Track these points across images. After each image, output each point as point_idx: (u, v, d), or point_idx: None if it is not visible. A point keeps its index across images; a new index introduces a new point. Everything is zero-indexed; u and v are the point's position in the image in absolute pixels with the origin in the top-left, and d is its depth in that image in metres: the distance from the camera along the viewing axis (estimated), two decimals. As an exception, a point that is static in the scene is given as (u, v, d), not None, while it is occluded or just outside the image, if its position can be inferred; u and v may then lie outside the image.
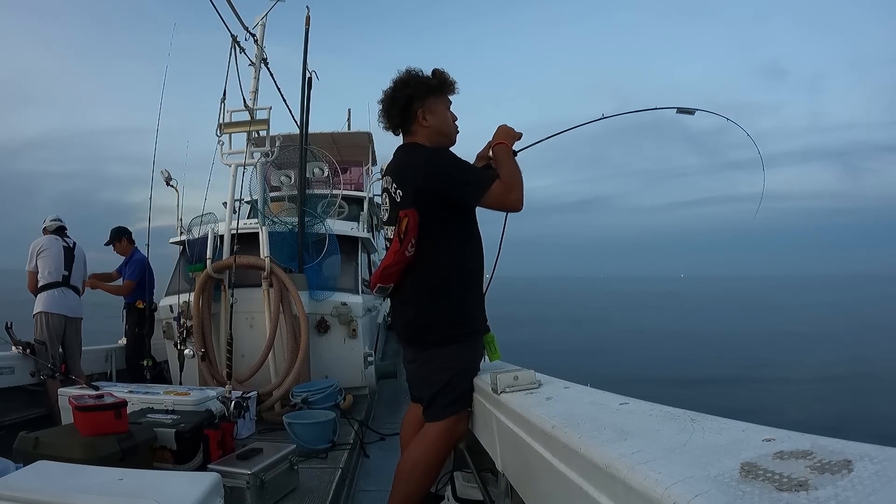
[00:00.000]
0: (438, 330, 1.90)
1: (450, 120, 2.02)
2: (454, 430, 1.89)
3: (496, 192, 1.77)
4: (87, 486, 1.57)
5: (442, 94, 1.99)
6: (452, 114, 2.04)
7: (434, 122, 1.96)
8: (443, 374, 1.89)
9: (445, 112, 2.00)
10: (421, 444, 1.90)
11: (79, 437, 2.24)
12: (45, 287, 4.10)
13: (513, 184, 1.79)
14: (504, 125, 2.00)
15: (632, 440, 0.94)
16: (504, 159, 1.89)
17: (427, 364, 1.96)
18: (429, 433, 1.91)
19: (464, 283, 1.91)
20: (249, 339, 4.04)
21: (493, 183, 1.78)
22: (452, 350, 1.89)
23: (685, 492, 0.69)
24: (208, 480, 1.63)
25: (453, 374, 1.88)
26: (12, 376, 3.80)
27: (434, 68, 1.98)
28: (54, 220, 4.40)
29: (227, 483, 1.90)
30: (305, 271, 4.32)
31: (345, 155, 7.72)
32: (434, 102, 1.96)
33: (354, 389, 4.36)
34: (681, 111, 2.26)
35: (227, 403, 3.00)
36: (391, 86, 1.97)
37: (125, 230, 5.20)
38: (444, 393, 1.89)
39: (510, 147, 1.93)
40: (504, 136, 1.95)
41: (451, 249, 1.88)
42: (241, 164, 4.31)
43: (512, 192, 1.78)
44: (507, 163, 1.87)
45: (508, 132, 1.96)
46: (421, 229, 1.84)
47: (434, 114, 1.96)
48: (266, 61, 4.79)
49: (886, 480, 0.63)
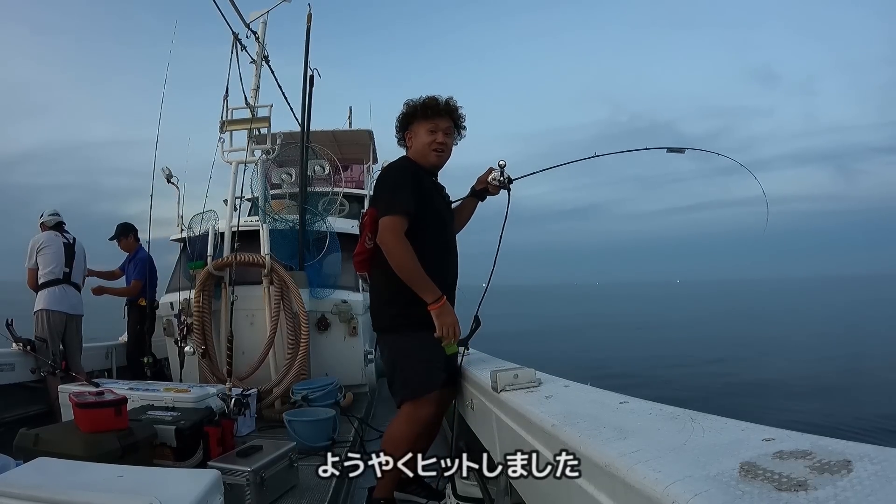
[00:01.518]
0: (382, 318, 2.18)
1: (423, 143, 2.19)
2: (412, 415, 2.08)
3: (384, 222, 1.99)
4: (87, 483, 1.57)
5: (424, 119, 2.18)
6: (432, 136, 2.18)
7: (413, 144, 2.23)
8: (388, 364, 2.18)
9: (422, 134, 2.19)
10: (390, 425, 2.17)
11: (79, 434, 2.24)
12: (46, 284, 4.09)
13: (395, 248, 1.97)
14: (440, 319, 2.02)
15: (631, 439, 0.94)
16: (416, 277, 1.99)
17: (381, 352, 2.29)
18: (396, 415, 2.16)
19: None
20: (250, 337, 4.04)
21: (389, 216, 1.98)
22: (392, 339, 2.15)
23: (684, 491, 0.69)
24: (208, 477, 1.63)
25: (395, 363, 2.14)
26: (13, 373, 3.80)
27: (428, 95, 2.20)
28: (52, 216, 4.31)
29: (227, 480, 1.90)
30: (306, 269, 4.32)
31: (346, 153, 7.72)
32: (416, 126, 2.21)
33: (354, 387, 4.37)
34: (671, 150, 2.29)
35: (228, 401, 3.00)
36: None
37: (132, 226, 5.14)
38: (394, 380, 2.15)
39: (437, 309, 2.00)
40: (438, 312, 2.01)
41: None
42: (242, 161, 4.31)
43: (389, 238, 1.97)
44: (414, 279, 1.98)
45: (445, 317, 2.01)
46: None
47: (414, 136, 2.22)
48: (267, 59, 4.79)
49: (886, 481, 0.63)
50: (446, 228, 2.23)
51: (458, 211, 2.43)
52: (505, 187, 2.29)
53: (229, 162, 4.33)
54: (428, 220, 2.08)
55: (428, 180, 2.20)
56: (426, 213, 2.07)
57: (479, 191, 2.34)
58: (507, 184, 2.27)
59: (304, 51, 4.87)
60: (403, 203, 2.00)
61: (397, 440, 2.06)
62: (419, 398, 2.08)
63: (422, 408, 2.08)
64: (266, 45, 4.74)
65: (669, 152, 2.29)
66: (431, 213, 2.10)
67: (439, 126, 2.18)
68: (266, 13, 4.74)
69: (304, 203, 4.53)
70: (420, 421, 2.09)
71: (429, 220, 2.08)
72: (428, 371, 2.08)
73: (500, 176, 2.27)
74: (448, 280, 2.19)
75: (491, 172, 2.28)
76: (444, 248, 2.19)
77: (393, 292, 2.09)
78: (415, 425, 2.08)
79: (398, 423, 2.12)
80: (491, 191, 2.31)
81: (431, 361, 2.07)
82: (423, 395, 2.08)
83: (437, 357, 2.06)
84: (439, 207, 2.20)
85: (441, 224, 2.18)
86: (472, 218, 2.46)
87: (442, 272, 2.12)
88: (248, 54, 4.53)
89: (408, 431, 2.07)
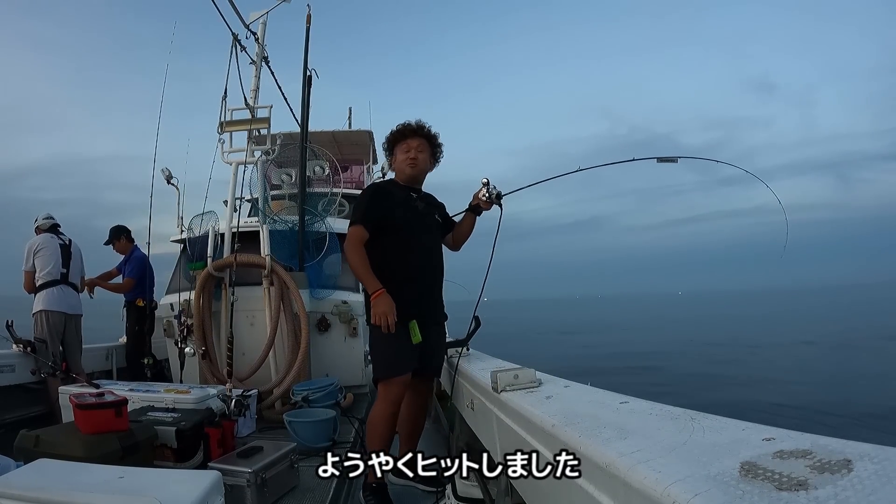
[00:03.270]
0: (366, 312, 2.43)
1: (399, 159, 2.55)
2: (384, 394, 2.38)
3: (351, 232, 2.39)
4: (87, 485, 1.57)
5: (401, 140, 2.54)
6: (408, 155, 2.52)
7: (394, 163, 2.60)
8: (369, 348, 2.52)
9: (399, 154, 2.56)
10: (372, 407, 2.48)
11: (79, 436, 2.24)
12: (44, 285, 4.09)
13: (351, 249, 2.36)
14: (376, 303, 2.33)
15: (632, 439, 0.94)
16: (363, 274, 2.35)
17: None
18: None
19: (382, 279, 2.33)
20: (250, 338, 4.04)
21: (357, 226, 2.38)
22: (370, 329, 2.42)
23: (685, 491, 0.69)
24: (209, 479, 1.63)
25: (371, 349, 2.48)
26: (13, 374, 3.80)
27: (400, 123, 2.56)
28: (47, 219, 4.33)
29: (227, 481, 1.90)
30: (306, 270, 4.32)
31: (345, 153, 7.71)
32: (396, 149, 2.57)
33: (355, 388, 4.37)
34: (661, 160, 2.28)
35: (228, 402, 3.00)
36: None
37: (123, 228, 5.19)
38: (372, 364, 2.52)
39: (379, 311, 2.31)
40: (376, 303, 2.33)
41: (377, 254, 2.38)
42: (242, 162, 4.31)
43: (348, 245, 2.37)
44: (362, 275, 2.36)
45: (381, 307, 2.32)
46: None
47: (395, 158, 2.58)
48: (267, 60, 4.79)
49: (886, 480, 0.63)
50: (412, 232, 2.47)
51: (458, 225, 2.68)
52: (495, 202, 2.51)
53: (229, 163, 4.33)
54: (388, 227, 2.40)
55: (401, 193, 2.52)
56: (387, 222, 2.41)
57: (474, 206, 2.57)
58: (496, 199, 2.50)
59: (304, 51, 4.88)
60: (360, 215, 2.40)
61: (374, 418, 2.39)
62: (388, 379, 2.37)
63: (392, 387, 2.36)
64: (265, 46, 4.75)
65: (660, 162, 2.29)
66: (392, 221, 2.42)
67: (410, 145, 2.53)
68: (265, 14, 4.74)
69: (304, 204, 4.53)
70: (390, 399, 2.36)
71: (389, 226, 2.41)
72: (394, 356, 2.37)
73: (488, 192, 2.48)
74: (410, 274, 2.43)
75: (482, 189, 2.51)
76: (405, 248, 2.44)
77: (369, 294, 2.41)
78: (386, 403, 2.36)
79: (376, 403, 2.43)
80: (483, 206, 2.54)
81: (397, 349, 2.36)
82: (392, 376, 2.36)
83: (402, 345, 2.34)
84: (406, 215, 2.47)
85: (403, 229, 2.45)
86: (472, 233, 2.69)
87: (402, 267, 2.40)
88: (247, 55, 4.54)
89: (382, 409, 2.37)
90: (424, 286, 2.49)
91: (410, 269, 2.44)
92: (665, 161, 2.26)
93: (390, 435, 2.44)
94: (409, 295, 2.37)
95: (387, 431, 2.40)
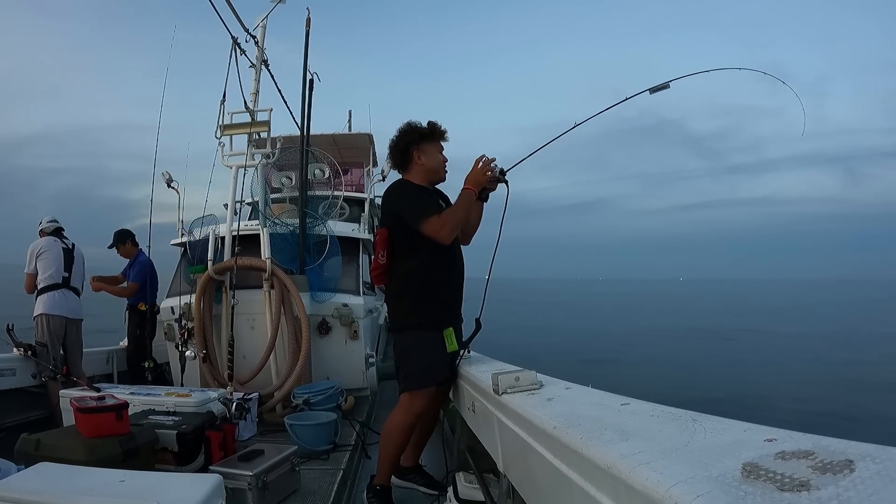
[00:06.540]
0: (394, 321, 2.46)
1: (439, 160, 2.44)
2: (410, 404, 2.34)
3: (432, 224, 2.20)
4: (88, 488, 1.57)
5: (434, 140, 2.42)
6: (444, 157, 2.45)
7: (426, 161, 2.40)
8: (396, 358, 2.46)
9: (436, 154, 2.43)
10: (390, 414, 2.43)
11: (80, 439, 2.24)
12: (46, 289, 4.10)
13: (447, 222, 2.21)
14: (474, 170, 2.32)
15: (633, 441, 0.94)
16: (458, 203, 2.30)
17: (394, 349, 2.56)
18: (396, 405, 2.42)
19: (420, 290, 2.31)
20: (251, 341, 4.03)
21: (433, 217, 2.20)
22: (400, 338, 2.43)
23: (687, 492, 0.69)
24: (210, 482, 1.63)
25: (400, 357, 2.41)
26: (13, 378, 3.80)
27: (430, 120, 2.41)
28: (51, 222, 4.35)
29: (228, 484, 1.90)
30: (307, 273, 4.32)
31: (346, 156, 7.71)
32: (427, 146, 2.40)
33: (356, 391, 4.36)
34: (654, 90, 2.25)
35: (229, 405, 3.00)
36: (395, 134, 2.43)
37: (129, 233, 5.17)
38: (399, 374, 2.41)
39: (473, 191, 2.30)
40: (471, 182, 2.31)
41: (414, 263, 2.31)
42: (242, 165, 4.31)
43: (444, 229, 2.20)
44: (457, 206, 2.30)
45: (476, 178, 2.31)
46: (393, 244, 2.34)
47: (427, 154, 2.40)
48: (267, 63, 4.80)
49: (888, 480, 0.63)
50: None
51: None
52: (500, 180, 2.37)
53: (229, 166, 4.33)
54: None
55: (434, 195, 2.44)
56: None
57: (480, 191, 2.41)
58: (501, 176, 2.35)
59: (304, 54, 4.88)
60: (426, 209, 2.25)
61: (394, 427, 2.37)
62: (417, 391, 2.33)
63: (418, 399, 2.34)
64: (265, 49, 4.75)
65: (653, 92, 2.26)
66: None
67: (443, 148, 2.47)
68: (265, 17, 4.75)
69: (305, 207, 4.53)
70: (415, 411, 2.35)
71: None
72: (427, 368, 2.33)
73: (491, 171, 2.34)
74: (456, 280, 2.43)
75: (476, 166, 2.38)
76: (446, 251, 2.34)
77: (402, 299, 2.39)
78: (410, 415, 2.35)
79: (396, 413, 2.39)
80: (488, 186, 2.39)
81: (431, 360, 2.32)
82: (421, 388, 2.33)
83: (436, 356, 2.31)
84: None
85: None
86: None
87: (441, 272, 2.34)
88: (247, 58, 4.54)
89: (404, 420, 2.36)
90: (458, 290, 2.47)
91: (448, 273, 2.39)
92: (658, 90, 2.23)
93: (406, 444, 2.45)
94: (448, 300, 2.36)
95: (404, 441, 2.40)
